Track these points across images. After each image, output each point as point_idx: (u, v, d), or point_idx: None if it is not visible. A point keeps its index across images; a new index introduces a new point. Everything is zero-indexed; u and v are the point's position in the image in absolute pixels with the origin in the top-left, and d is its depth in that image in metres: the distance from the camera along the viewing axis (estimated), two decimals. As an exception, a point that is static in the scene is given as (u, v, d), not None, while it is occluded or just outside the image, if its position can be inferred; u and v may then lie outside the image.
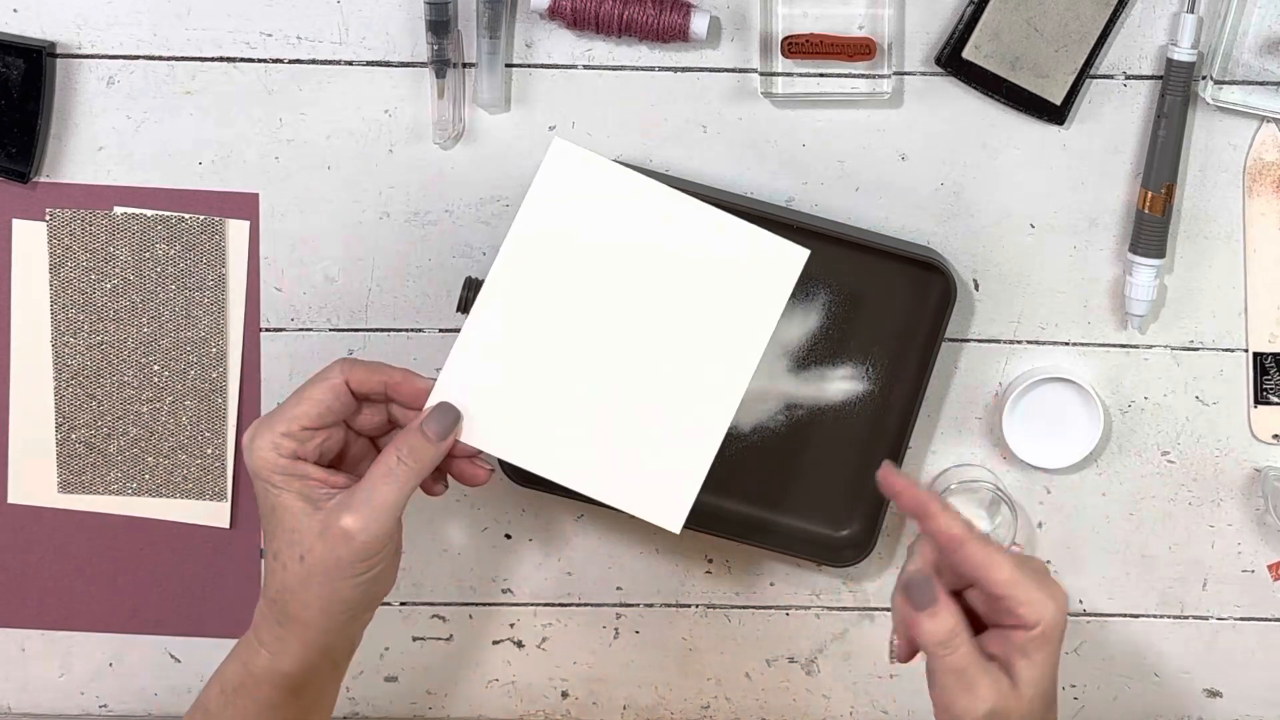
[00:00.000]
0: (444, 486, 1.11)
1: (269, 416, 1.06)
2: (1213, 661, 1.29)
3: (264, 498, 1.06)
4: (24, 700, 1.30)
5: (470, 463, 1.09)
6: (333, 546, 1.03)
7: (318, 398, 1.07)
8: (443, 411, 1.07)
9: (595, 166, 1.09)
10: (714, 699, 1.31)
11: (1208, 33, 1.16)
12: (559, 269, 1.08)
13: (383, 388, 1.08)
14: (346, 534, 1.03)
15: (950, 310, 1.18)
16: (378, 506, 1.04)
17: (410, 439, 1.06)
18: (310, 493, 1.05)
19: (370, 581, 1.05)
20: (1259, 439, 1.24)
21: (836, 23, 1.17)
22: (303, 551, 1.04)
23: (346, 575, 1.04)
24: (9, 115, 1.17)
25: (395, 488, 1.04)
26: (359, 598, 1.06)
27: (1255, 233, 1.20)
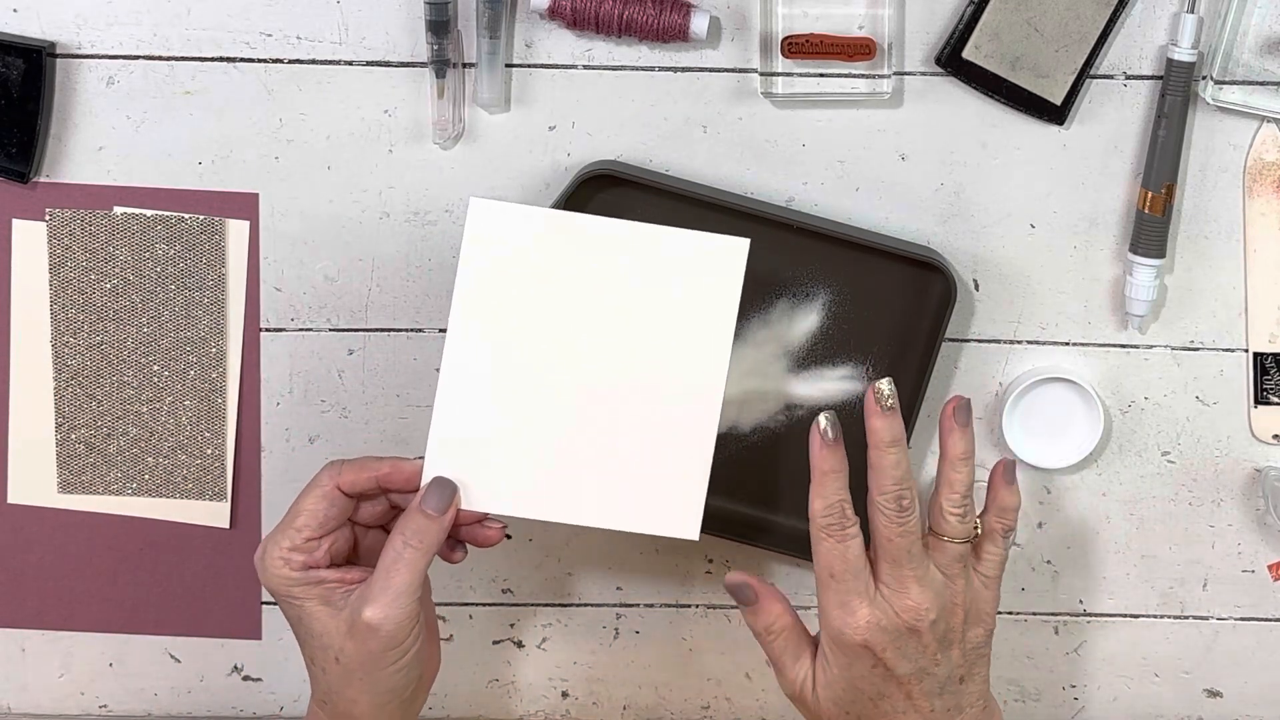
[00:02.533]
0: (463, 553, 1.12)
1: (274, 534, 1.08)
2: (1213, 661, 1.29)
3: (288, 610, 1.09)
4: (24, 700, 1.30)
5: (480, 526, 1.11)
6: (363, 642, 1.05)
7: (313, 508, 1.08)
8: (439, 486, 1.08)
9: (517, 215, 1.09)
10: (714, 699, 1.31)
11: (1208, 33, 1.16)
12: (513, 320, 1.09)
13: (374, 483, 1.09)
14: (371, 627, 1.05)
15: (950, 310, 1.18)
16: (395, 593, 1.05)
17: (413, 521, 1.07)
18: (329, 596, 1.07)
19: (409, 665, 1.07)
20: (1259, 439, 1.24)
21: (836, 23, 1.17)
22: (336, 653, 1.06)
23: (383, 666, 1.06)
24: (9, 115, 1.17)
25: (407, 572, 1.05)
26: (403, 683, 1.08)
27: (1255, 233, 1.21)
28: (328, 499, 1.09)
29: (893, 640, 1.05)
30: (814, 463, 1.07)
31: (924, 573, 1.06)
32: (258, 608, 1.28)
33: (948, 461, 1.09)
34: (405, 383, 1.24)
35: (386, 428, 1.25)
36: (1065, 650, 1.29)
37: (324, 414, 1.25)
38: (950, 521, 1.07)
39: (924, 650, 1.06)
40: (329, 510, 1.08)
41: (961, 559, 1.07)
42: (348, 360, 1.24)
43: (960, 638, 1.07)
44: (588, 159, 1.19)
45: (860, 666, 1.06)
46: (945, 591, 1.06)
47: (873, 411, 1.06)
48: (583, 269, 1.09)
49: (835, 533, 1.06)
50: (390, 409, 1.24)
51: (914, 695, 1.06)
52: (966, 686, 1.08)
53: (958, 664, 1.07)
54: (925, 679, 1.06)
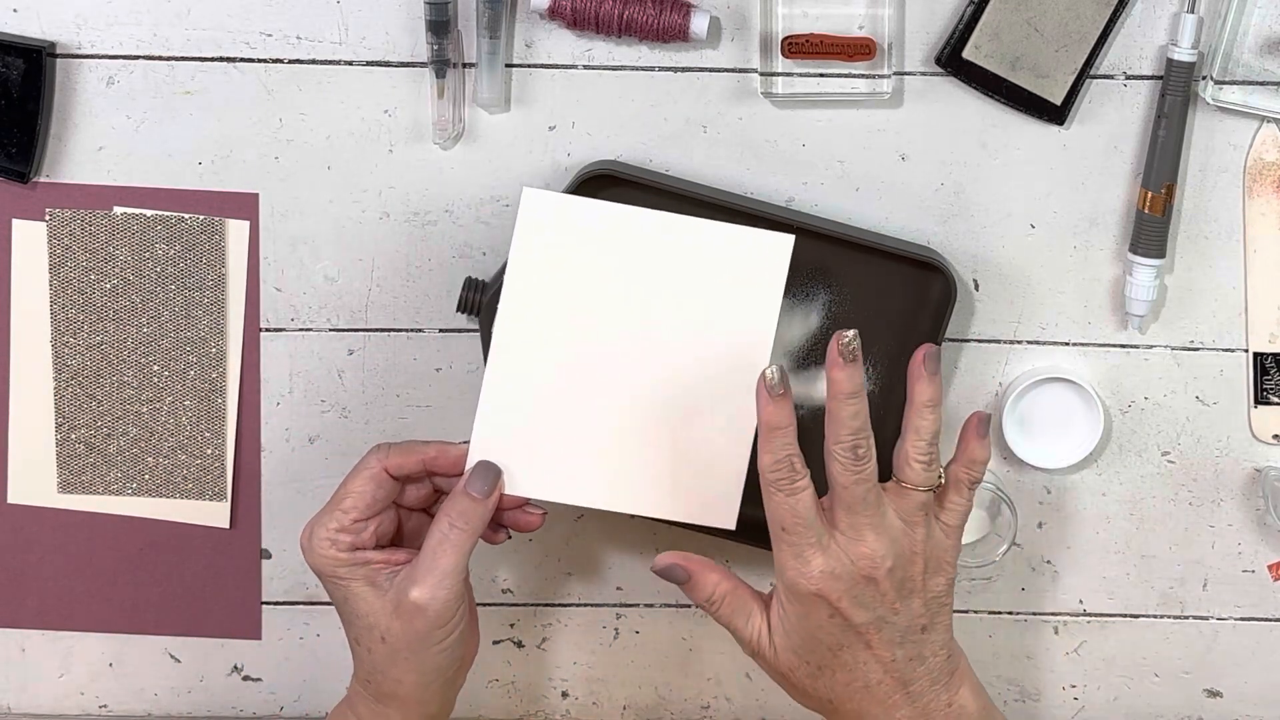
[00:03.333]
0: (506, 535, 1.14)
1: (320, 515, 1.10)
2: (1213, 661, 1.29)
3: (333, 591, 1.10)
4: (24, 700, 1.30)
5: (522, 510, 1.12)
6: (409, 621, 1.07)
7: (360, 489, 1.10)
8: (484, 470, 1.10)
9: (568, 206, 1.11)
10: (714, 699, 1.31)
11: (1208, 33, 1.16)
12: (560, 307, 1.11)
13: (420, 466, 1.11)
14: (418, 607, 1.07)
15: (950, 310, 1.18)
16: (441, 574, 1.07)
17: (458, 503, 1.09)
18: (375, 577, 1.09)
19: (454, 645, 1.09)
20: (1259, 439, 1.24)
21: (836, 23, 1.17)
22: (382, 633, 1.08)
23: (429, 645, 1.08)
24: (9, 115, 1.17)
25: (453, 553, 1.08)
26: (447, 663, 1.10)
27: (1255, 233, 1.20)
28: (375, 481, 1.10)
29: (849, 589, 1.04)
30: (761, 417, 1.06)
31: (880, 520, 1.05)
32: (258, 608, 1.28)
33: (914, 408, 1.08)
34: (405, 383, 1.24)
35: (386, 428, 1.25)
36: (1065, 650, 1.29)
37: (324, 414, 1.25)
38: (915, 469, 1.07)
39: (882, 598, 1.05)
40: (376, 492, 1.10)
41: (924, 507, 1.07)
42: (348, 360, 1.24)
43: (920, 586, 1.06)
44: (588, 159, 1.19)
45: (817, 616, 1.05)
46: (903, 539, 1.06)
47: (834, 363, 1.05)
48: (630, 260, 1.11)
49: (785, 487, 1.05)
50: (390, 409, 1.24)
51: (874, 644, 1.05)
52: (928, 635, 1.07)
53: (918, 613, 1.06)
54: (884, 628, 1.05)
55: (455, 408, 1.24)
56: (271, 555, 1.27)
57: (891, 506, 1.06)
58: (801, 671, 1.07)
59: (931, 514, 1.08)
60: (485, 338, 1.18)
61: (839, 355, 1.05)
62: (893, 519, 1.06)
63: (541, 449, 1.11)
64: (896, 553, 1.05)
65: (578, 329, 1.11)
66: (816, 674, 1.07)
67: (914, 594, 1.06)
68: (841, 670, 1.06)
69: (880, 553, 1.05)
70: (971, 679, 1.10)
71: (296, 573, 1.27)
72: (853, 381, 1.05)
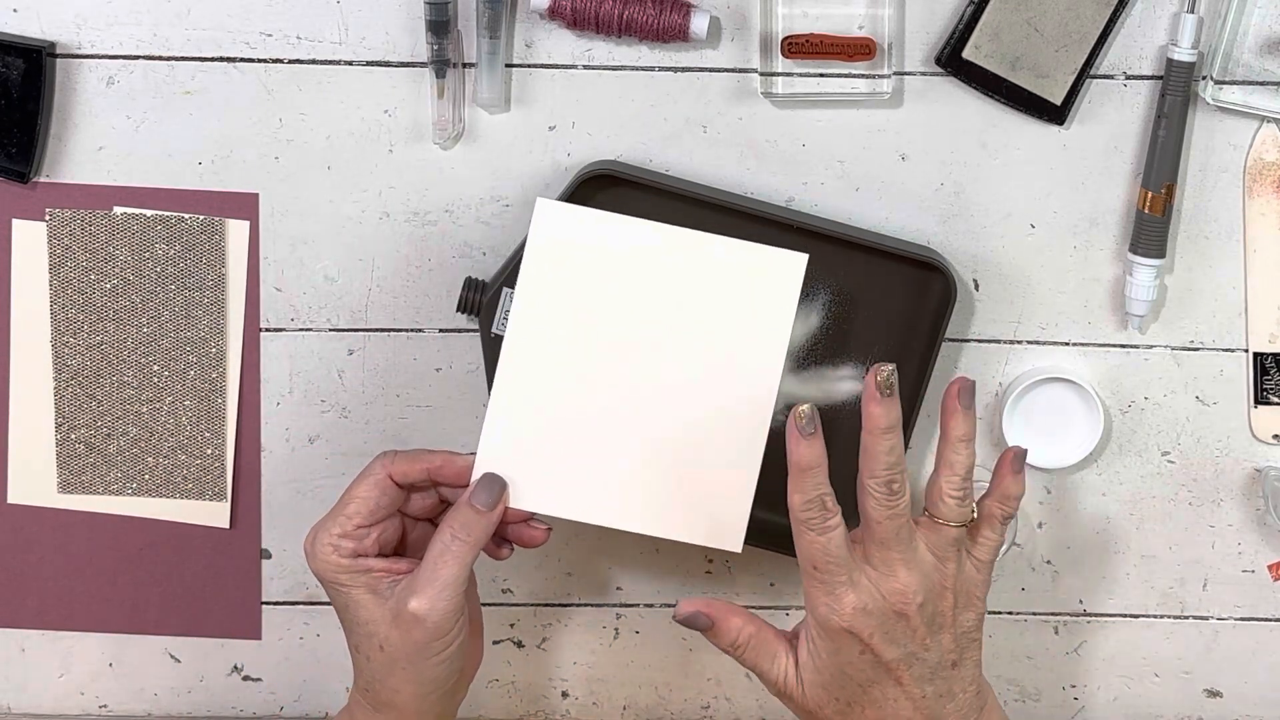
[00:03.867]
0: (509, 550, 1.13)
1: (324, 520, 1.10)
2: (1213, 661, 1.29)
3: (335, 597, 1.10)
4: (24, 700, 1.30)
5: (526, 525, 1.12)
6: (407, 631, 1.07)
7: (365, 495, 1.10)
8: (489, 482, 1.09)
9: (581, 217, 1.11)
10: (714, 699, 1.31)
11: (1208, 33, 1.16)
12: (570, 320, 1.10)
13: (426, 475, 1.11)
14: (416, 617, 1.06)
15: (950, 310, 1.18)
16: (441, 585, 1.07)
17: (461, 515, 1.08)
18: (376, 585, 1.09)
19: (452, 657, 1.09)
20: (1259, 439, 1.24)
21: (836, 23, 1.17)
22: (380, 641, 1.08)
23: (427, 656, 1.07)
24: (9, 115, 1.17)
25: (454, 564, 1.07)
26: (445, 675, 1.09)
27: (1255, 233, 1.21)
28: (379, 488, 1.10)
29: (880, 624, 1.04)
30: (792, 457, 1.05)
31: (911, 555, 1.05)
32: (258, 608, 1.28)
33: (948, 443, 1.07)
34: (405, 383, 1.24)
35: (386, 428, 1.25)
36: (1065, 650, 1.29)
37: (324, 414, 1.25)
38: (948, 504, 1.06)
39: (913, 634, 1.05)
40: (380, 499, 1.10)
41: (956, 543, 1.06)
42: (348, 360, 1.24)
43: (951, 621, 1.06)
44: (588, 159, 1.19)
45: (848, 652, 1.04)
46: (934, 574, 1.06)
47: (871, 397, 1.04)
48: (642, 274, 1.10)
49: (816, 525, 1.04)
50: (390, 409, 1.24)
51: (904, 681, 1.05)
52: (959, 672, 1.07)
53: (949, 649, 1.06)
54: (915, 664, 1.05)
55: (455, 408, 1.24)
56: (271, 555, 1.27)
57: (923, 541, 1.06)
58: (830, 709, 1.06)
59: (963, 549, 1.07)
60: (485, 338, 1.19)
61: (876, 389, 1.04)
62: (924, 554, 1.06)
63: (548, 463, 1.10)
64: (928, 588, 1.05)
65: (588, 342, 1.10)
66: (846, 711, 1.06)
67: (944, 629, 1.06)
68: (871, 707, 1.06)
69: (912, 588, 1.04)
70: (999, 714, 1.10)
71: (296, 573, 1.27)
72: (889, 416, 1.04)
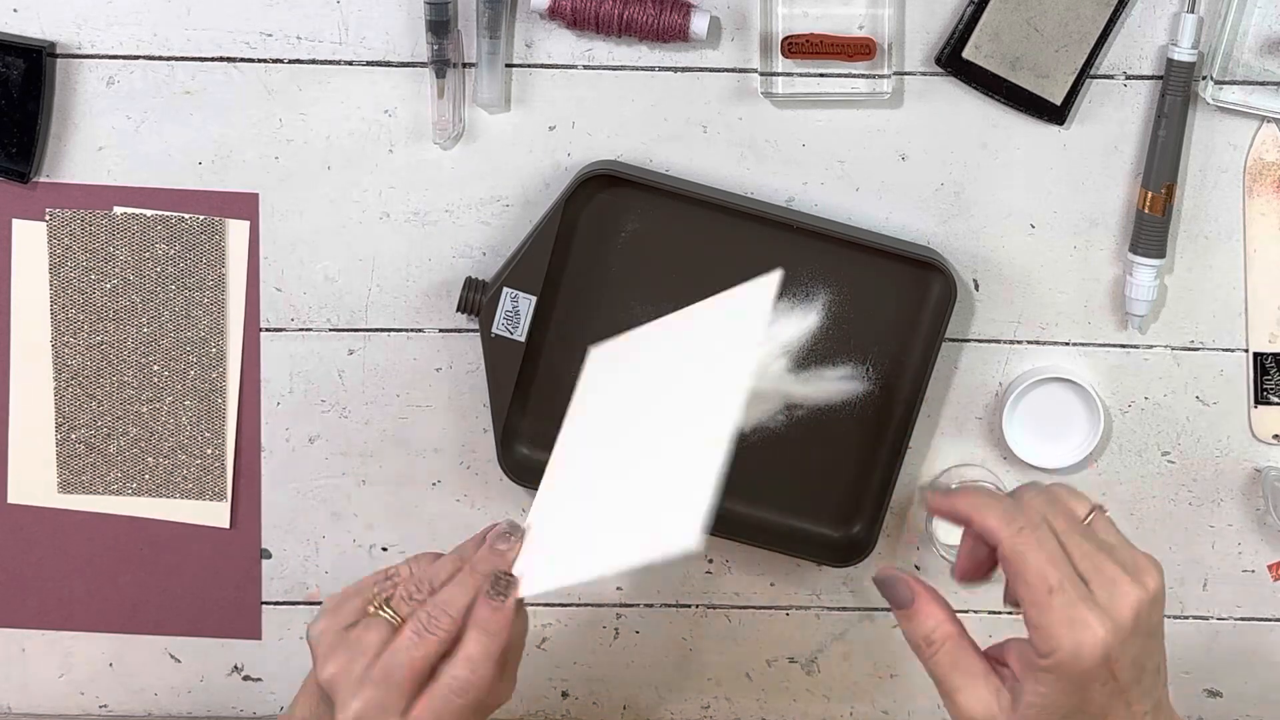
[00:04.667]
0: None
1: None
2: (1213, 661, 1.29)
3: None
4: (24, 700, 1.30)
5: None
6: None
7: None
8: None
9: (629, 342, 1.07)
10: (714, 699, 1.31)
11: (1208, 33, 1.16)
12: (587, 427, 1.06)
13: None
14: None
15: (950, 310, 1.18)
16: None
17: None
18: None
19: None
20: (1259, 439, 1.24)
21: (836, 23, 1.17)
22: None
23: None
24: (9, 115, 1.17)
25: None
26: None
27: (1255, 233, 1.21)
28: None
29: (1125, 648, 0.91)
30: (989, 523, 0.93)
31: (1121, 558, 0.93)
32: (258, 608, 1.28)
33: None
34: (405, 383, 1.24)
35: (386, 428, 1.25)
36: (1065, 650, 1.29)
37: (324, 414, 1.25)
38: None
39: (1144, 648, 0.92)
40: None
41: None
42: (348, 360, 1.24)
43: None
44: (588, 159, 1.19)
45: (1095, 687, 0.91)
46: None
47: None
48: (640, 370, 1.07)
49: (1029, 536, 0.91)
50: (390, 409, 1.24)
51: (1131, 700, 0.92)
52: (1159, 676, 0.94)
53: (1155, 651, 0.94)
54: (1143, 676, 0.92)
55: (455, 408, 1.24)
56: (271, 555, 1.27)
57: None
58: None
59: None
60: (485, 338, 1.19)
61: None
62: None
63: (548, 548, 1.02)
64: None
65: (591, 442, 1.05)
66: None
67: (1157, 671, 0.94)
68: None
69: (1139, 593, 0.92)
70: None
71: (297, 573, 1.27)
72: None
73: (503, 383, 1.19)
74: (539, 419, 1.21)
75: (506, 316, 1.18)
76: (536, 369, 1.21)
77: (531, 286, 1.18)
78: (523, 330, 1.19)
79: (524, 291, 1.18)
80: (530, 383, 1.21)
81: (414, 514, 1.27)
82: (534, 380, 1.21)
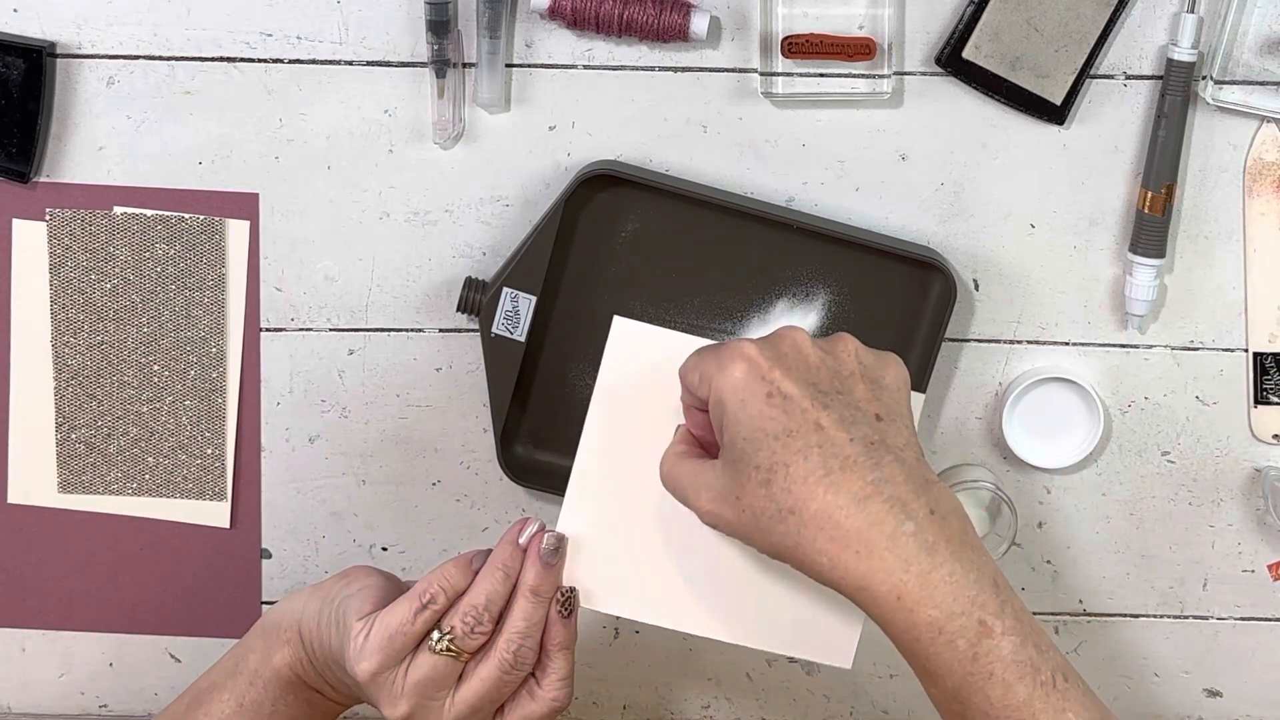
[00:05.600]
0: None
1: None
2: (1213, 661, 1.29)
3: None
4: (24, 700, 1.30)
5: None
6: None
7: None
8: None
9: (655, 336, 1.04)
10: (714, 699, 1.31)
11: (1208, 33, 1.16)
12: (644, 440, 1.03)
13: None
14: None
15: (950, 310, 1.18)
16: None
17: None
18: None
19: None
20: (1259, 439, 1.24)
21: (836, 23, 1.17)
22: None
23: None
24: (9, 115, 1.17)
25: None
26: None
27: (1255, 233, 1.21)
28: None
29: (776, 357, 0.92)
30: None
31: None
32: (258, 608, 1.28)
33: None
34: (405, 383, 1.24)
35: (386, 428, 1.25)
36: (1065, 650, 1.29)
37: (324, 414, 1.25)
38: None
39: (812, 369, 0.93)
40: None
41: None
42: (348, 360, 1.24)
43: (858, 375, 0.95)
44: (588, 159, 1.19)
45: (758, 402, 0.91)
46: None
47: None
48: None
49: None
50: (390, 409, 1.24)
51: (824, 424, 0.91)
52: (886, 425, 0.93)
53: (865, 396, 0.93)
54: (831, 402, 0.91)
55: (455, 408, 1.24)
56: (271, 555, 1.27)
57: None
58: (752, 483, 0.91)
59: None
60: (485, 338, 1.19)
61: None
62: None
63: (627, 569, 1.03)
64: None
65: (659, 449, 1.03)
66: (769, 479, 0.91)
67: (852, 378, 0.94)
68: (795, 460, 0.90)
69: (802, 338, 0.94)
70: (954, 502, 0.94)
71: (297, 573, 1.27)
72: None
73: (503, 383, 1.19)
74: (539, 419, 1.21)
75: (506, 316, 1.18)
76: (536, 369, 1.21)
77: (531, 286, 1.18)
78: (523, 330, 1.19)
79: (524, 291, 1.18)
80: (530, 383, 1.21)
81: (414, 514, 1.27)
82: (534, 380, 1.21)
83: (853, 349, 0.96)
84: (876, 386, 0.94)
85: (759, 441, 0.91)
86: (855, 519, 0.90)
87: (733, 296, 1.19)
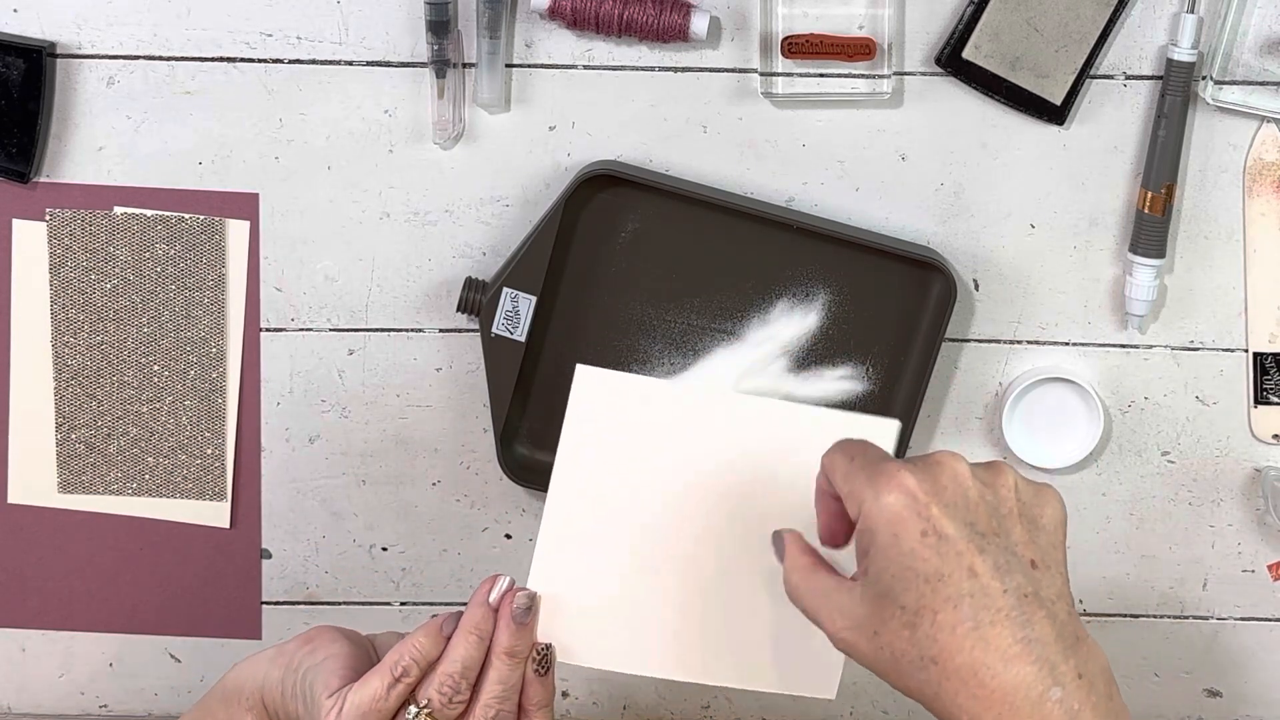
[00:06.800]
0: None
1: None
2: (1213, 661, 1.29)
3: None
4: (24, 700, 1.30)
5: None
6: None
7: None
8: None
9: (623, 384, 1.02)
10: (714, 699, 1.31)
11: (1208, 33, 1.16)
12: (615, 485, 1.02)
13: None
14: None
15: (950, 310, 1.18)
16: None
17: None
18: None
19: None
20: (1259, 439, 1.24)
21: (836, 23, 1.17)
22: None
23: None
24: (9, 115, 1.17)
25: None
26: None
27: (1255, 233, 1.21)
28: None
29: (936, 493, 0.86)
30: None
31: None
32: (258, 608, 1.28)
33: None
34: (405, 383, 1.24)
35: (386, 428, 1.25)
36: (1065, 650, 1.29)
37: (324, 414, 1.25)
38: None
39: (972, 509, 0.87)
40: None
41: None
42: (348, 360, 1.24)
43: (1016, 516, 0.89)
44: (588, 159, 1.19)
45: (912, 540, 0.85)
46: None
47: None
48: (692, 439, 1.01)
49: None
50: (390, 409, 1.24)
51: (979, 570, 0.85)
52: (1040, 574, 0.88)
53: (1021, 539, 0.88)
54: (987, 546, 0.86)
55: (455, 408, 1.24)
56: (271, 555, 1.27)
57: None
58: (895, 623, 0.86)
59: None
60: (485, 338, 1.19)
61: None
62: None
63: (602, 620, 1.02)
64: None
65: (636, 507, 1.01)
66: (914, 622, 0.85)
67: (1010, 516, 0.88)
68: (944, 607, 0.85)
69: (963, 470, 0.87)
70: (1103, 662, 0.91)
71: (297, 573, 1.27)
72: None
73: (503, 383, 1.19)
74: (539, 419, 1.21)
75: (506, 316, 1.18)
76: (536, 369, 1.21)
77: (531, 286, 1.18)
78: (523, 330, 1.19)
79: (524, 291, 1.18)
80: (530, 383, 1.21)
81: (414, 514, 1.27)
82: (534, 380, 1.21)
83: (1012, 483, 0.90)
84: (1034, 527, 0.90)
85: (908, 581, 0.86)
86: (1001, 679, 0.85)
87: (733, 296, 1.19)
